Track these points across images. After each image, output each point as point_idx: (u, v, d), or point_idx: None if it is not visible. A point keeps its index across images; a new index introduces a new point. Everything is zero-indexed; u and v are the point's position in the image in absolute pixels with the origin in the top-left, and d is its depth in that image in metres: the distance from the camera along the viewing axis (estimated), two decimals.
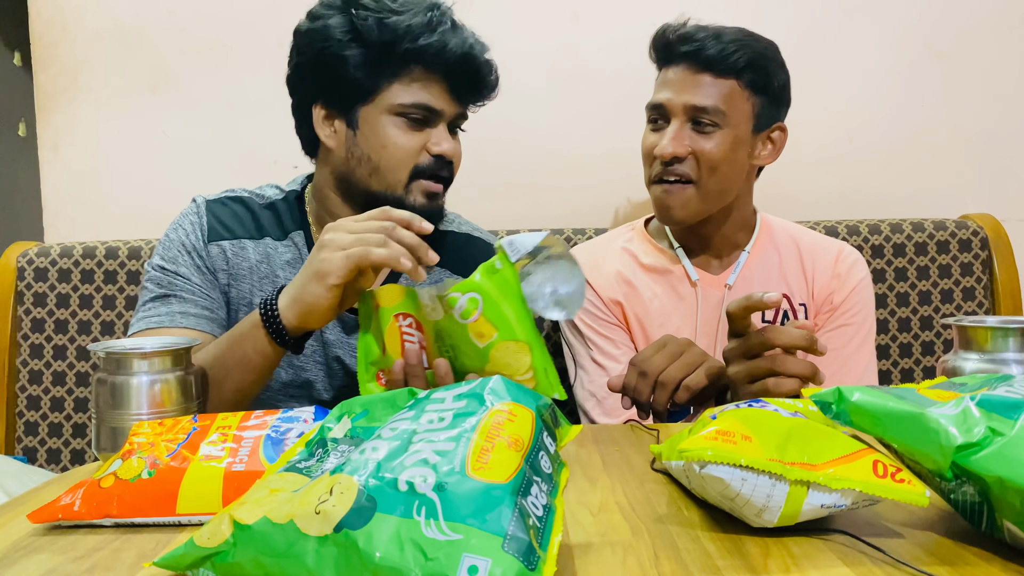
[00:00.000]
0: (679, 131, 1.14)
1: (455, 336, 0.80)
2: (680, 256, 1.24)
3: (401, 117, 1.02)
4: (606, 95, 1.63)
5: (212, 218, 1.10)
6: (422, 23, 0.99)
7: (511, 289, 0.78)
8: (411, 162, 1.03)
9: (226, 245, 1.09)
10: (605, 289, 1.24)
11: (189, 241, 1.08)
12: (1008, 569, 0.51)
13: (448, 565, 0.40)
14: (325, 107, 1.06)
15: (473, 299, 0.76)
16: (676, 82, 1.14)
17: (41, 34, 1.65)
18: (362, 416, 0.59)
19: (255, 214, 1.12)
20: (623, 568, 0.52)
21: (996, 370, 0.77)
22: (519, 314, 0.78)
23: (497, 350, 0.77)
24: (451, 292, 0.77)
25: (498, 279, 0.78)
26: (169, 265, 1.07)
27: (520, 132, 1.65)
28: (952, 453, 0.51)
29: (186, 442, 0.66)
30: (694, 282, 1.22)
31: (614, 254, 1.28)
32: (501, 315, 0.77)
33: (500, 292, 0.77)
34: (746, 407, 0.63)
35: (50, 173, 1.68)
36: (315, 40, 1.02)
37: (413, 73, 1.02)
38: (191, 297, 1.05)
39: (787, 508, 0.54)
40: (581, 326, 1.24)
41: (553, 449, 0.53)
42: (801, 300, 1.23)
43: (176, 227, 1.11)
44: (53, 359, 1.49)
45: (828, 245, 1.27)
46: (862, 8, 1.64)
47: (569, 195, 1.66)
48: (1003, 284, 1.51)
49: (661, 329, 1.21)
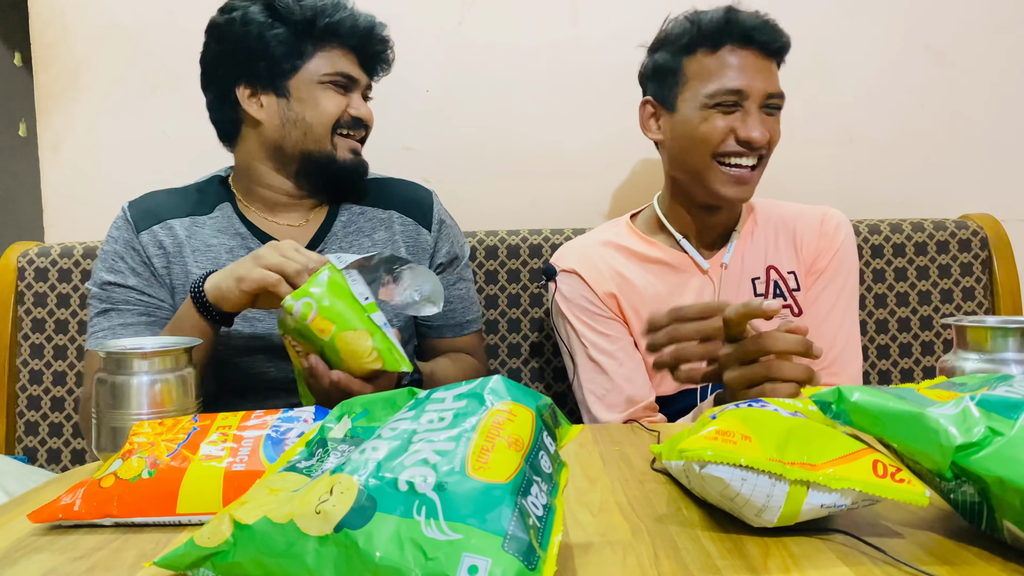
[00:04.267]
0: (758, 116, 1.16)
1: (307, 335, 0.91)
2: (686, 246, 1.25)
3: (326, 84, 1.16)
4: (606, 94, 1.63)
5: (136, 212, 1.19)
6: (331, 3, 1.15)
7: (339, 289, 0.90)
8: (333, 121, 1.16)
9: (156, 229, 1.17)
10: (598, 283, 1.24)
11: (119, 247, 1.16)
12: (1008, 569, 0.51)
13: (448, 565, 0.41)
14: (249, 86, 1.16)
15: (307, 303, 0.89)
16: (751, 68, 1.15)
17: (41, 34, 1.65)
18: (362, 416, 0.59)
19: (177, 197, 1.22)
20: (623, 568, 0.52)
21: (996, 370, 0.77)
22: (351, 307, 0.90)
23: (340, 340, 0.89)
24: (287, 300, 0.90)
25: (329, 285, 0.90)
26: (108, 275, 1.15)
27: (520, 131, 1.65)
28: (952, 453, 0.51)
29: (186, 442, 0.66)
30: (704, 270, 1.24)
31: (603, 249, 1.28)
32: (334, 311, 0.89)
33: (329, 292, 0.90)
34: (746, 407, 0.63)
35: (50, 173, 1.68)
36: (235, 28, 1.14)
37: (330, 46, 1.16)
38: (127, 307, 1.13)
39: (787, 508, 0.54)
40: (576, 324, 1.24)
41: (553, 449, 0.53)
42: (790, 268, 1.25)
43: (108, 239, 1.19)
44: (53, 359, 1.49)
45: (812, 211, 1.29)
46: (862, 8, 1.64)
47: (569, 195, 1.66)
48: (1003, 284, 1.51)
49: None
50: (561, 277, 1.27)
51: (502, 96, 1.64)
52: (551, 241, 1.52)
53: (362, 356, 0.90)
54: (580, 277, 1.25)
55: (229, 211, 1.20)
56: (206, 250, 1.17)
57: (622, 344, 1.23)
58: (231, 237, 1.18)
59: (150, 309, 1.14)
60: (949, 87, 1.66)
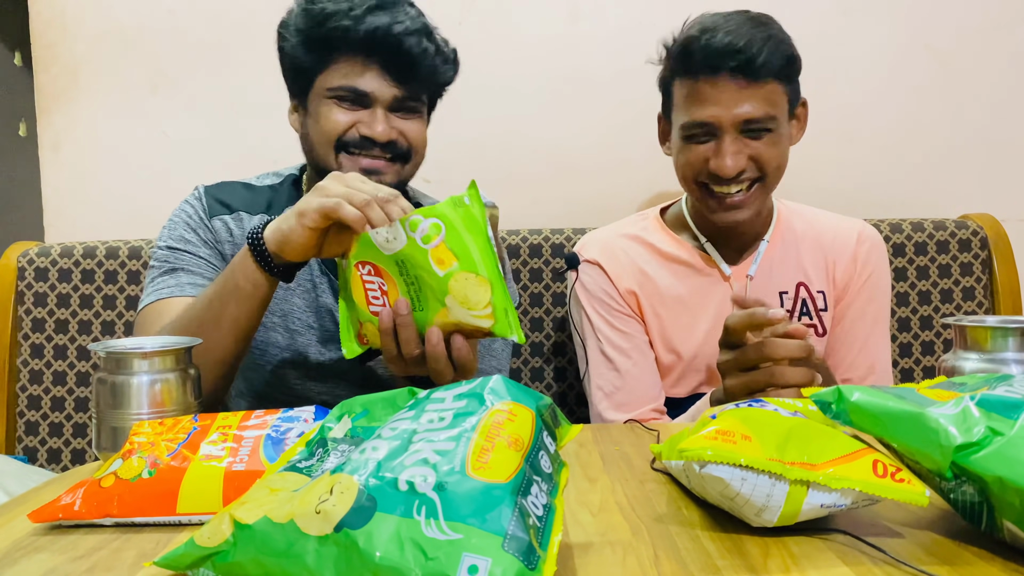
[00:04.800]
0: (734, 144, 1.10)
1: (416, 263, 0.79)
2: (710, 250, 1.22)
3: (333, 99, 1.06)
4: (606, 95, 1.63)
5: (211, 198, 1.15)
6: (343, 10, 1.02)
7: (476, 225, 0.78)
8: (333, 139, 1.06)
9: (227, 219, 1.13)
10: (620, 279, 1.23)
11: (193, 220, 1.12)
12: (1008, 569, 0.51)
13: (448, 564, 0.41)
14: (292, 98, 1.13)
15: (436, 224, 0.77)
16: (722, 96, 1.08)
17: (41, 34, 1.65)
18: (362, 416, 0.59)
19: (253, 192, 1.17)
20: (623, 568, 0.52)
21: (996, 370, 0.77)
22: (482, 250, 0.78)
23: (456, 280, 0.77)
24: (413, 215, 0.77)
25: (464, 212, 0.78)
26: (176, 243, 1.10)
27: (520, 131, 1.65)
28: (952, 453, 0.51)
29: (186, 442, 0.66)
30: (727, 276, 1.22)
31: (628, 243, 1.26)
32: (463, 244, 0.77)
33: (464, 223, 0.78)
34: (746, 407, 0.63)
35: (50, 173, 1.68)
36: (279, 40, 1.09)
37: (341, 57, 1.04)
38: (198, 270, 1.08)
39: (787, 508, 0.54)
40: (593, 316, 1.22)
41: (553, 449, 0.53)
42: (820, 287, 1.23)
43: (179, 211, 1.14)
44: (54, 359, 1.49)
45: (847, 230, 1.26)
46: (862, 8, 1.64)
47: (569, 195, 1.66)
48: (1003, 284, 1.51)
49: (679, 319, 1.21)
50: (583, 267, 1.24)
51: (502, 96, 1.64)
52: (551, 241, 1.52)
53: (475, 307, 0.77)
54: (602, 270, 1.23)
55: None
56: None
57: (637, 343, 1.21)
58: None
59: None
60: (949, 87, 1.66)
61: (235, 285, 0.91)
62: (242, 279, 0.91)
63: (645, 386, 1.20)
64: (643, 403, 1.19)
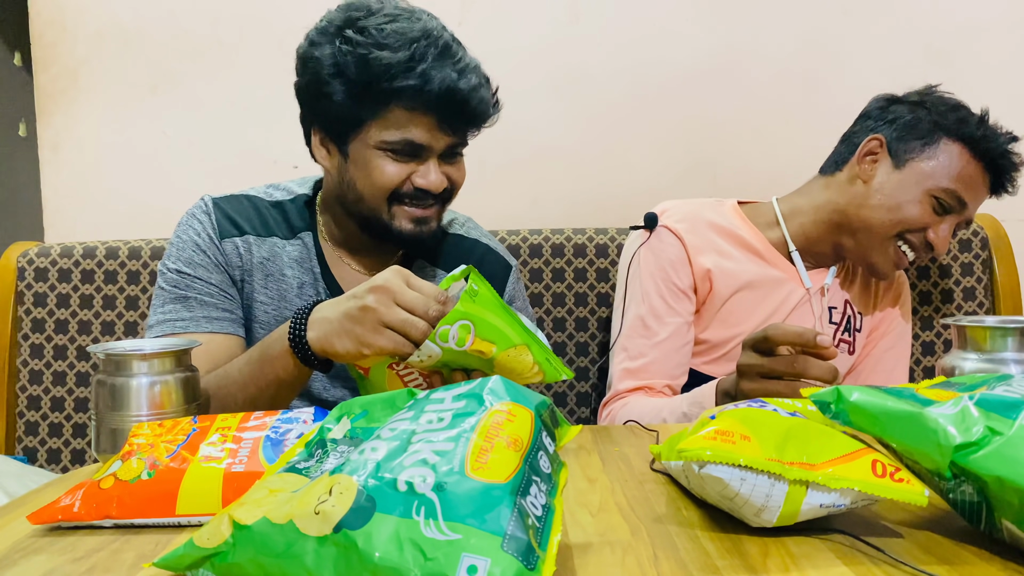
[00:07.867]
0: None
1: (459, 361, 0.84)
2: (796, 259, 1.25)
3: (387, 152, 1.01)
4: (606, 95, 1.63)
5: (220, 215, 1.11)
6: (402, 60, 0.96)
7: (492, 303, 0.82)
8: (390, 190, 1.03)
9: (237, 241, 1.09)
10: (698, 254, 1.21)
11: (202, 240, 1.09)
12: (1007, 568, 0.51)
13: (447, 565, 0.41)
14: (320, 131, 1.06)
15: (464, 326, 0.80)
16: (981, 187, 1.21)
17: (41, 34, 1.65)
18: (361, 417, 0.59)
19: (261, 212, 1.13)
20: (622, 568, 0.52)
21: (995, 370, 0.77)
22: (508, 322, 0.82)
23: (499, 361, 0.81)
24: (441, 327, 0.81)
25: (479, 299, 0.81)
26: (186, 268, 1.07)
27: (520, 132, 1.65)
28: (951, 452, 0.51)
29: (186, 443, 0.66)
30: (807, 288, 1.25)
31: (711, 224, 1.25)
32: (493, 328, 0.81)
33: (485, 309, 0.81)
34: (745, 407, 0.63)
35: (50, 173, 1.68)
36: (308, 68, 1.02)
37: (396, 110, 0.99)
38: (211, 300, 1.06)
39: (786, 508, 0.54)
40: (647, 282, 1.21)
41: (552, 449, 0.53)
42: (860, 309, 1.29)
43: (187, 227, 1.10)
44: (53, 359, 1.49)
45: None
46: (862, 8, 1.64)
47: (569, 195, 1.66)
48: (1003, 284, 1.51)
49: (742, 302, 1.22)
50: (660, 231, 1.22)
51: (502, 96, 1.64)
52: (551, 241, 1.52)
53: (523, 373, 0.82)
54: (681, 242, 1.21)
55: (310, 242, 1.12)
56: (280, 279, 1.10)
57: (679, 323, 1.20)
58: (305, 272, 1.11)
59: (232, 306, 1.08)
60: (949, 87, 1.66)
61: (276, 377, 0.92)
62: (283, 372, 0.92)
63: (671, 365, 1.18)
64: (660, 378, 1.17)
